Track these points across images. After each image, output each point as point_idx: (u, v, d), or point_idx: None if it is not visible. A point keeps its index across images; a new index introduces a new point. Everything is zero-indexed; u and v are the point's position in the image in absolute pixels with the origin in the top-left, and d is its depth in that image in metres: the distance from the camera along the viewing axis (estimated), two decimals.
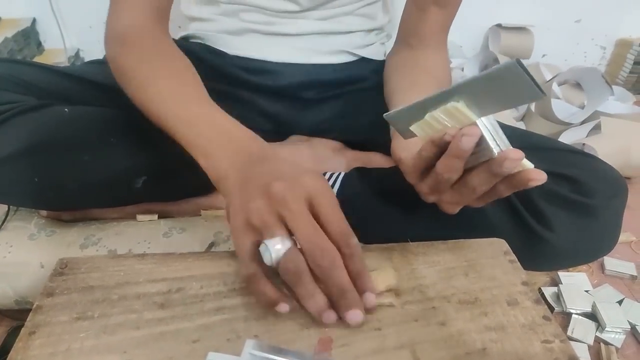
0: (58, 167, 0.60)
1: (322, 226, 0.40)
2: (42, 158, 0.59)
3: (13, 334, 0.66)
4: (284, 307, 0.41)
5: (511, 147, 0.40)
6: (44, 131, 0.58)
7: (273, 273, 0.41)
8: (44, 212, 0.70)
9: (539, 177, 0.40)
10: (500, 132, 0.40)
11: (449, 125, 0.41)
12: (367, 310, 0.42)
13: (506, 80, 0.35)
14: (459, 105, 0.39)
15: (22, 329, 0.41)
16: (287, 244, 0.39)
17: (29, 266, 0.64)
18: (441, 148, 0.43)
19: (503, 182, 0.42)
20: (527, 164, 0.41)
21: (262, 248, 0.40)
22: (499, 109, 0.39)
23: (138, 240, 0.66)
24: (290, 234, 0.40)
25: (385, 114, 0.46)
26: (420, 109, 0.43)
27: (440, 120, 0.41)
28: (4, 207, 0.70)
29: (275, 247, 0.39)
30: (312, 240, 0.39)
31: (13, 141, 0.57)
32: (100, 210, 0.71)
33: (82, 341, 0.40)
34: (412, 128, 0.45)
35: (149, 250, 0.65)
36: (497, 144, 0.40)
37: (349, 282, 0.40)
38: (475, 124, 0.40)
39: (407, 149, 0.51)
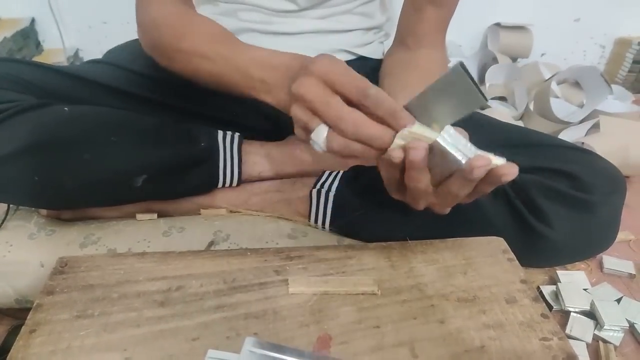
0: (58, 166, 0.60)
1: (341, 96, 0.44)
2: (41, 157, 0.59)
3: (13, 332, 0.66)
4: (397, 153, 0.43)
5: (478, 153, 0.42)
6: (44, 130, 0.59)
7: None
8: (43, 211, 0.70)
9: (510, 172, 0.42)
10: (463, 141, 0.42)
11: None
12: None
13: (453, 86, 0.38)
14: (413, 129, 0.42)
15: (23, 327, 0.41)
16: (324, 129, 0.44)
17: (29, 265, 0.64)
18: (400, 166, 0.45)
19: (480, 182, 0.44)
20: (499, 161, 0.42)
21: (311, 143, 0.46)
22: (452, 119, 0.41)
23: (138, 239, 0.66)
24: None
25: None
26: None
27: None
28: (4, 206, 0.70)
29: (317, 137, 0.45)
30: (330, 115, 0.43)
31: (13, 140, 0.57)
32: (100, 209, 0.71)
33: (82, 339, 0.40)
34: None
35: (148, 249, 0.65)
36: (463, 153, 0.42)
37: (381, 127, 0.43)
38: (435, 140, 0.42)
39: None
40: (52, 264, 0.48)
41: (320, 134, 0.45)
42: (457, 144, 0.42)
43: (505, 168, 0.41)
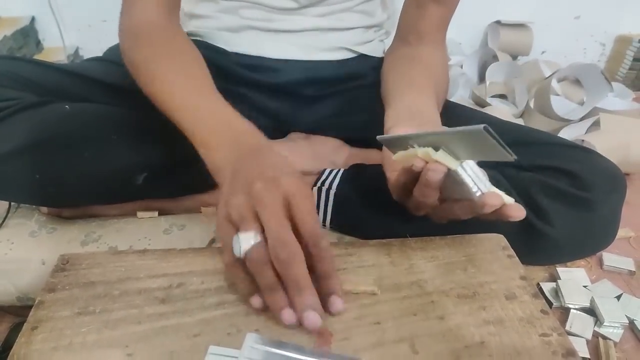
0: (58, 164, 0.60)
1: (295, 226, 0.41)
2: (42, 155, 0.59)
3: (15, 330, 0.67)
4: (256, 301, 0.42)
5: (492, 190, 0.43)
6: (44, 128, 0.59)
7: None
8: (44, 209, 0.70)
9: (517, 214, 0.44)
10: (481, 174, 0.44)
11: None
12: (332, 314, 0.42)
13: (477, 141, 0.39)
14: (438, 155, 0.42)
15: (25, 324, 0.41)
16: (258, 238, 0.41)
17: (30, 263, 0.64)
18: (414, 175, 0.46)
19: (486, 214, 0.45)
20: (508, 200, 0.44)
21: (234, 239, 0.42)
22: (475, 159, 0.43)
23: (138, 237, 0.67)
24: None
25: (378, 136, 0.50)
26: (405, 141, 0.46)
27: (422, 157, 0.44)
28: (5, 204, 0.70)
29: (246, 240, 0.41)
30: (276, 234, 0.40)
31: (13, 138, 0.58)
32: (101, 207, 0.71)
33: (84, 336, 0.40)
34: (395, 157, 0.48)
35: (149, 246, 0.65)
36: (478, 187, 0.43)
37: (308, 281, 0.40)
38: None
39: (394, 170, 0.53)
40: (54, 261, 0.48)
41: (249, 239, 0.41)
42: (476, 176, 0.43)
43: (514, 210, 0.43)
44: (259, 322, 0.42)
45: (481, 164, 0.49)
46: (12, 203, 0.70)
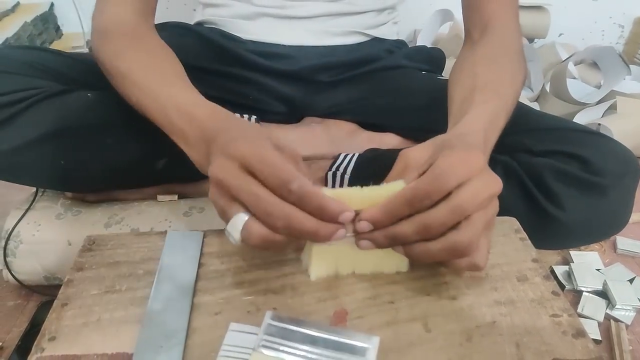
0: (82, 151, 0.62)
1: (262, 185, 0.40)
2: (67, 142, 0.61)
3: (43, 308, 0.70)
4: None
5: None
6: (68, 115, 0.61)
7: None
8: (69, 194, 0.73)
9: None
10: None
11: None
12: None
13: None
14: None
15: (55, 301, 0.43)
16: (243, 218, 0.39)
17: (56, 244, 0.66)
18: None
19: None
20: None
21: (225, 233, 0.41)
22: None
23: (159, 219, 0.69)
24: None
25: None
26: None
27: None
28: (32, 189, 0.73)
29: (233, 228, 0.40)
30: (257, 207, 0.39)
31: (39, 126, 0.59)
32: (123, 191, 0.73)
33: (111, 312, 0.42)
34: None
35: (170, 228, 0.67)
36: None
37: (313, 222, 0.39)
38: None
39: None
40: (79, 242, 0.50)
41: (237, 225, 0.39)
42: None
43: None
44: (277, 301, 0.44)
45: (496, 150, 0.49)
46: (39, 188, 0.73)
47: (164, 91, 0.53)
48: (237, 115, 0.72)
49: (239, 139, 0.41)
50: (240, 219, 0.39)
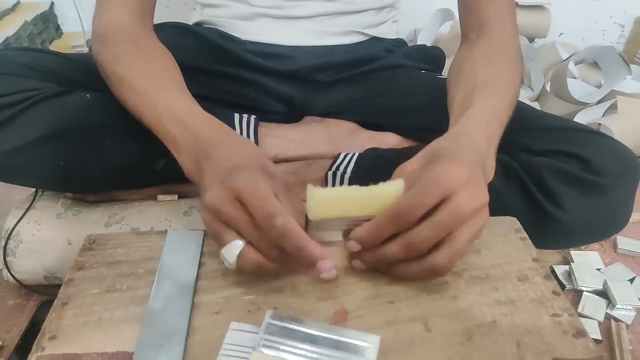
0: (81, 152, 0.62)
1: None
2: (66, 143, 0.61)
3: (43, 307, 0.70)
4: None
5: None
6: (67, 116, 0.61)
7: None
8: (69, 194, 0.73)
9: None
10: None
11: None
12: (327, 281, 0.43)
13: None
14: None
15: (55, 300, 0.43)
16: (239, 245, 0.41)
17: (57, 243, 0.66)
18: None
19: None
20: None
21: (221, 257, 0.43)
22: None
23: (159, 218, 0.69)
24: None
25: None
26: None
27: None
28: (33, 188, 0.72)
29: (229, 253, 0.41)
30: (253, 236, 0.41)
31: (37, 127, 0.59)
32: (123, 192, 0.73)
33: (112, 312, 0.42)
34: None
35: (170, 228, 0.67)
36: None
37: (300, 238, 0.40)
38: None
39: None
40: (79, 241, 0.50)
41: (233, 251, 0.41)
42: None
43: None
44: (278, 301, 0.44)
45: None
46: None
47: (160, 98, 0.54)
48: (237, 115, 0.72)
49: (237, 170, 0.42)
50: (236, 246, 0.41)
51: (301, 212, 0.44)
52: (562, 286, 0.76)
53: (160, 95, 0.54)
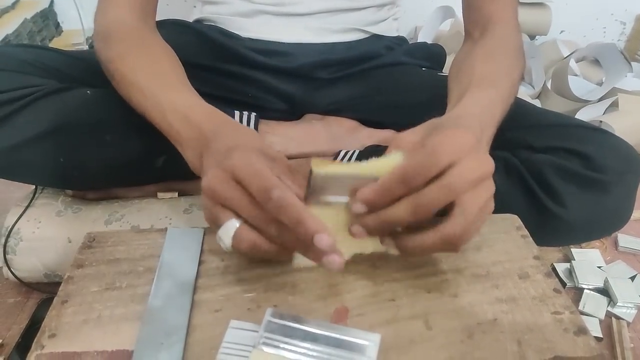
0: (81, 148, 0.62)
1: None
2: (65, 139, 0.61)
3: (43, 305, 0.70)
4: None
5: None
6: (67, 113, 0.60)
7: None
8: (69, 191, 0.73)
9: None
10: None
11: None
12: (327, 256, 0.39)
13: None
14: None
15: (55, 298, 0.43)
16: (235, 225, 0.41)
17: (57, 241, 0.66)
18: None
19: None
20: None
21: (217, 240, 0.42)
22: None
23: (160, 216, 0.68)
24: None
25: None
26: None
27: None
28: (33, 186, 0.72)
29: (225, 234, 0.41)
30: (249, 213, 0.40)
31: (38, 123, 0.59)
32: (123, 189, 0.73)
33: (112, 309, 0.42)
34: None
35: (170, 225, 0.67)
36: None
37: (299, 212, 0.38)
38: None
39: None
40: (79, 239, 0.50)
41: (229, 230, 0.41)
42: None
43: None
44: (278, 299, 0.43)
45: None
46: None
47: (164, 94, 0.54)
48: (237, 112, 0.72)
49: (232, 150, 0.42)
50: (231, 225, 0.41)
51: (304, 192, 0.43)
52: (563, 284, 0.76)
53: (164, 92, 0.54)
